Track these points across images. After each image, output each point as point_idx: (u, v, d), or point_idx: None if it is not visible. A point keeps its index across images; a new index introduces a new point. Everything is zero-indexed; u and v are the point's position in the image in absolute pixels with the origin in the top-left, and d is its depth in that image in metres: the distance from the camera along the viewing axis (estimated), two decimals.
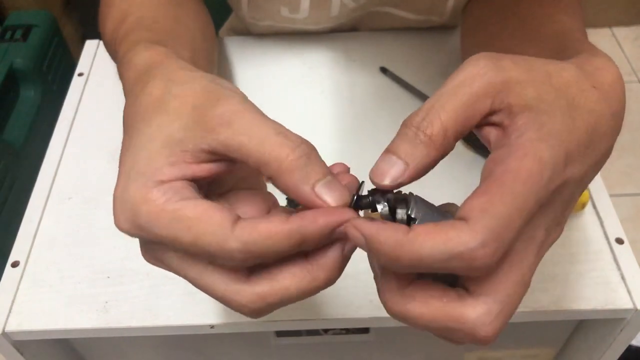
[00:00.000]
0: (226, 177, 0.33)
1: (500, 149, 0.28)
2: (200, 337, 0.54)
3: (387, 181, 0.29)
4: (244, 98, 0.31)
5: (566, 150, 0.28)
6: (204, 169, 0.30)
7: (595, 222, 0.52)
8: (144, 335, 0.47)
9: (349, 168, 0.33)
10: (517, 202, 0.26)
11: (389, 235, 0.26)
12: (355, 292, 0.48)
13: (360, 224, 0.27)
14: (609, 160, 0.34)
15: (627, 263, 0.49)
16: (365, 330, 0.55)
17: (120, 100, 0.62)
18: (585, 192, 0.51)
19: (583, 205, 0.51)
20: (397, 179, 0.29)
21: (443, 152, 0.29)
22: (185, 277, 0.31)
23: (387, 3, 0.66)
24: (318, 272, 0.29)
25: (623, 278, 0.48)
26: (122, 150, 0.32)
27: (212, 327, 0.47)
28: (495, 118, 0.29)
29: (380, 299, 0.30)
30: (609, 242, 0.50)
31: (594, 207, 0.53)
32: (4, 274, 0.50)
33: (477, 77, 0.29)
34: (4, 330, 0.47)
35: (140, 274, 0.49)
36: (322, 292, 0.48)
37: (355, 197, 0.30)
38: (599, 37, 1.99)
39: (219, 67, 0.66)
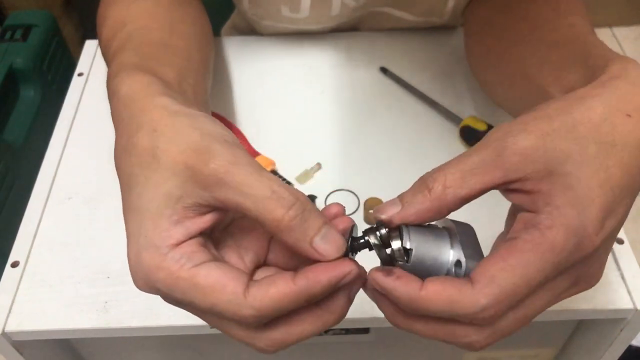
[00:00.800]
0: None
1: (530, 213, 0.30)
2: (200, 337, 0.54)
3: (382, 215, 0.31)
4: (233, 151, 0.31)
5: (601, 206, 0.29)
6: (207, 219, 0.31)
7: None
8: (144, 335, 0.47)
9: (344, 208, 0.34)
10: (529, 273, 0.28)
11: (404, 292, 0.29)
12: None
13: (380, 280, 0.30)
14: None
15: (627, 263, 0.49)
16: (365, 331, 0.55)
17: None
18: None
19: None
20: (391, 215, 0.31)
21: (438, 206, 0.31)
22: (204, 321, 0.33)
23: (387, 4, 0.66)
24: (328, 317, 0.32)
25: (623, 278, 0.48)
26: (124, 207, 0.33)
27: (212, 327, 0.47)
28: (516, 185, 0.30)
29: (387, 318, 0.33)
30: None
31: None
32: (3, 274, 0.50)
33: (490, 150, 0.30)
34: (3, 331, 0.46)
35: None
36: None
37: (349, 241, 0.32)
38: (599, 36, 1.99)
39: (219, 67, 0.66)
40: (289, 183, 0.55)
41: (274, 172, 0.56)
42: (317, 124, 0.61)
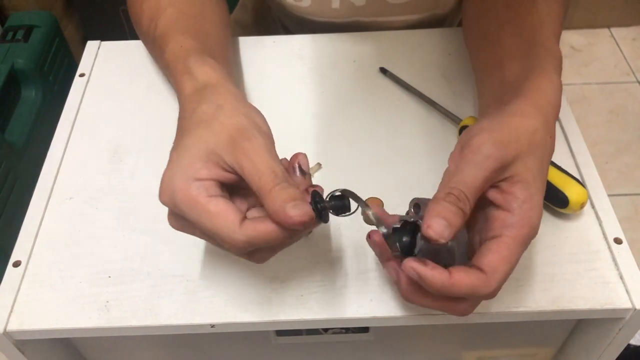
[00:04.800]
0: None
1: (504, 212, 0.41)
2: (201, 336, 0.54)
3: (441, 240, 0.39)
4: (263, 139, 0.42)
5: (542, 197, 0.42)
6: (226, 176, 0.41)
7: (594, 222, 0.52)
8: (144, 334, 0.48)
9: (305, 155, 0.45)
10: (516, 257, 0.40)
11: (439, 279, 0.38)
12: (355, 292, 0.48)
13: (419, 269, 0.38)
14: (607, 160, 0.36)
15: (626, 263, 0.49)
16: (365, 330, 0.55)
17: (121, 102, 0.63)
18: (584, 193, 0.51)
19: (582, 206, 0.51)
20: (446, 237, 0.40)
21: (461, 205, 0.40)
22: (206, 241, 0.43)
23: (391, 13, 0.67)
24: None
25: (621, 278, 0.48)
26: (174, 144, 0.44)
27: (212, 326, 0.47)
28: (497, 183, 0.42)
29: (401, 294, 0.42)
30: (607, 242, 0.51)
31: (593, 207, 0.53)
32: (5, 274, 0.50)
33: (490, 159, 0.41)
34: (5, 330, 0.47)
35: (141, 274, 0.50)
36: (323, 291, 0.48)
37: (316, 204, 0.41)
38: (597, 37, 1.99)
39: None
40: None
41: None
42: (317, 124, 0.61)
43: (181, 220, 0.42)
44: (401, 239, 0.41)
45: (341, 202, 0.42)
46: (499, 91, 0.50)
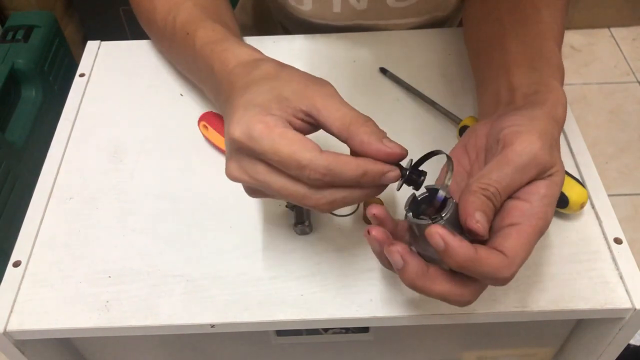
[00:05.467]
0: None
1: (525, 203, 0.40)
2: (201, 336, 0.54)
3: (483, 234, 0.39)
4: (331, 89, 0.43)
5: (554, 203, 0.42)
6: (297, 123, 0.41)
7: (594, 222, 0.52)
8: (144, 334, 0.48)
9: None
10: (532, 248, 0.40)
11: (464, 252, 0.37)
12: (355, 292, 0.48)
13: (445, 235, 0.37)
14: (607, 160, 0.36)
15: (626, 263, 0.49)
16: (365, 330, 0.55)
17: (121, 102, 0.63)
18: (584, 193, 0.51)
19: (582, 206, 0.51)
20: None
21: (494, 202, 0.40)
22: (268, 185, 0.41)
23: (391, 17, 0.68)
24: (369, 192, 0.43)
25: (621, 278, 0.48)
26: (234, 98, 0.42)
27: (212, 326, 0.47)
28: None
29: (406, 280, 0.40)
30: (607, 242, 0.51)
31: (593, 207, 0.53)
32: (5, 274, 0.50)
33: (533, 166, 0.41)
34: (5, 330, 0.47)
35: (141, 274, 0.50)
36: (322, 291, 0.48)
37: (412, 164, 0.42)
38: (597, 37, 2.00)
39: None
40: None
41: None
42: None
43: (247, 161, 0.41)
44: (433, 204, 0.41)
45: (418, 177, 0.42)
46: (506, 96, 0.49)
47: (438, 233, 0.37)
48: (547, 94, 0.46)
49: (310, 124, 0.42)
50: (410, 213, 0.40)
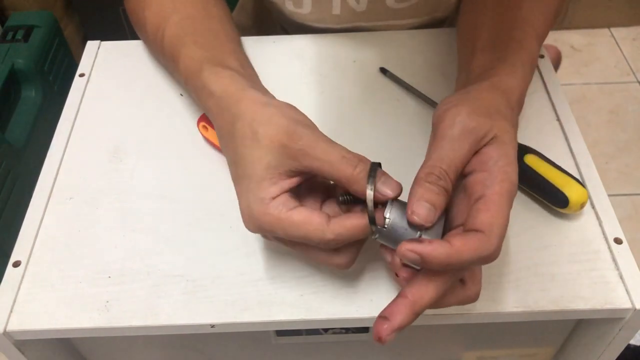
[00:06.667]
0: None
1: (482, 173, 0.40)
2: (201, 336, 0.54)
3: (427, 225, 0.40)
4: (312, 132, 0.43)
5: (515, 155, 0.42)
6: (294, 181, 0.42)
7: (594, 222, 0.52)
8: (144, 334, 0.48)
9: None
10: (507, 212, 0.39)
11: (442, 251, 0.37)
12: (355, 292, 0.48)
13: (418, 248, 0.37)
14: (607, 160, 0.36)
15: (626, 263, 0.49)
16: (365, 330, 0.55)
17: (121, 102, 0.63)
18: (584, 192, 0.51)
19: (582, 206, 0.51)
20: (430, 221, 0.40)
21: (444, 184, 0.40)
22: (293, 250, 0.45)
23: (391, 18, 0.68)
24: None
25: (622, 278, 0.48)
26: (233, 177, 0.45)
27: (212, 326, 0.47)
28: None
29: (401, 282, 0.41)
30: (607, 242, 0.51)
31: (593, 207, 0.53)
32: (5, 274, 0.50)
33: (468, 131, 0.41)
34: (5, 330, 0.47)
35: (141, 274, 0.50)
36: (322, 291, 0.48)
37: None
38: (597, 37, 2.00)
39: None
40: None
41: None
42: (317, 124, 0.61)
43: (274, 238, 0.44)
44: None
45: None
46: (464, 81, 0.50)
47: (407, 249, 0.37)
48: (498, 69, 0.47)
49: (304, 174, 0.43)
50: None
